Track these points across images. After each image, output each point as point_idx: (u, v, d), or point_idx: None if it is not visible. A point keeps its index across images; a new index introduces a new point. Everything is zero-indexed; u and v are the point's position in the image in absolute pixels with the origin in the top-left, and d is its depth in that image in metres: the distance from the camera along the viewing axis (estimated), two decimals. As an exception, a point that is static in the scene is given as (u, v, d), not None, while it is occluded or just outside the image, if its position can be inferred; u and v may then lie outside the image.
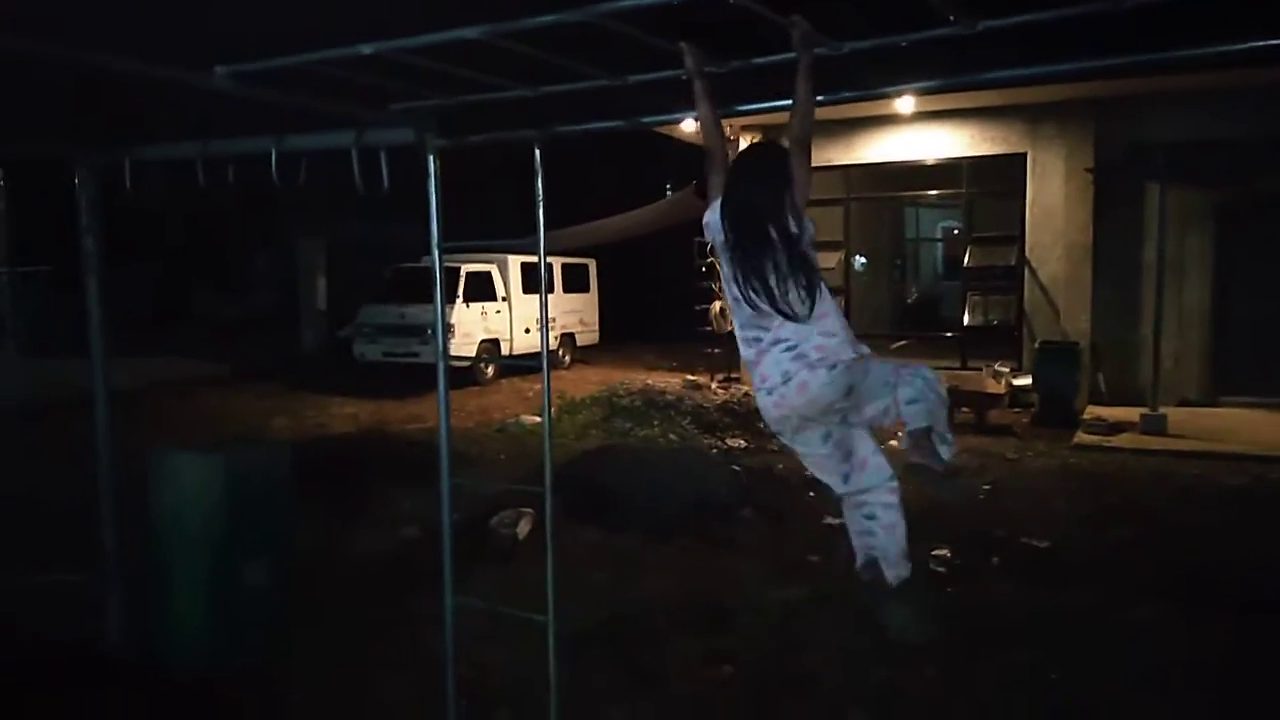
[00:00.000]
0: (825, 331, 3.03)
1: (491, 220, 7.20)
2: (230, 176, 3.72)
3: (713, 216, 3.09)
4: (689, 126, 12.98)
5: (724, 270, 3.12)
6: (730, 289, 3.08)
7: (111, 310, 4.44)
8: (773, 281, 2.98)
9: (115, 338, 4.50)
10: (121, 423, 4.61)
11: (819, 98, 3.05)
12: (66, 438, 6.65)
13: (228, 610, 4.20)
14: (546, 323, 3.60)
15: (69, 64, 2.74)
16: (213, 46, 3.24)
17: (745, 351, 3.14)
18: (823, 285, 3.07)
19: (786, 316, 2.99)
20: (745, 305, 3.03)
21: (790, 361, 3.00)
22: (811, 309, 3.01)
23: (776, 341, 3.04)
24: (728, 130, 14.68)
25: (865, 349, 3.08)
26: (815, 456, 3.16)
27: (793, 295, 2.99)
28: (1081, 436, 9.63)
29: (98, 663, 4.27)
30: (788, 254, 2.99)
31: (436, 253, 3.51)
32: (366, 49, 2.74)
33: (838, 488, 3.19)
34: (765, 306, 3.01)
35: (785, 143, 3.14)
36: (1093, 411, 10.64)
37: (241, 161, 3.73)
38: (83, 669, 4.20)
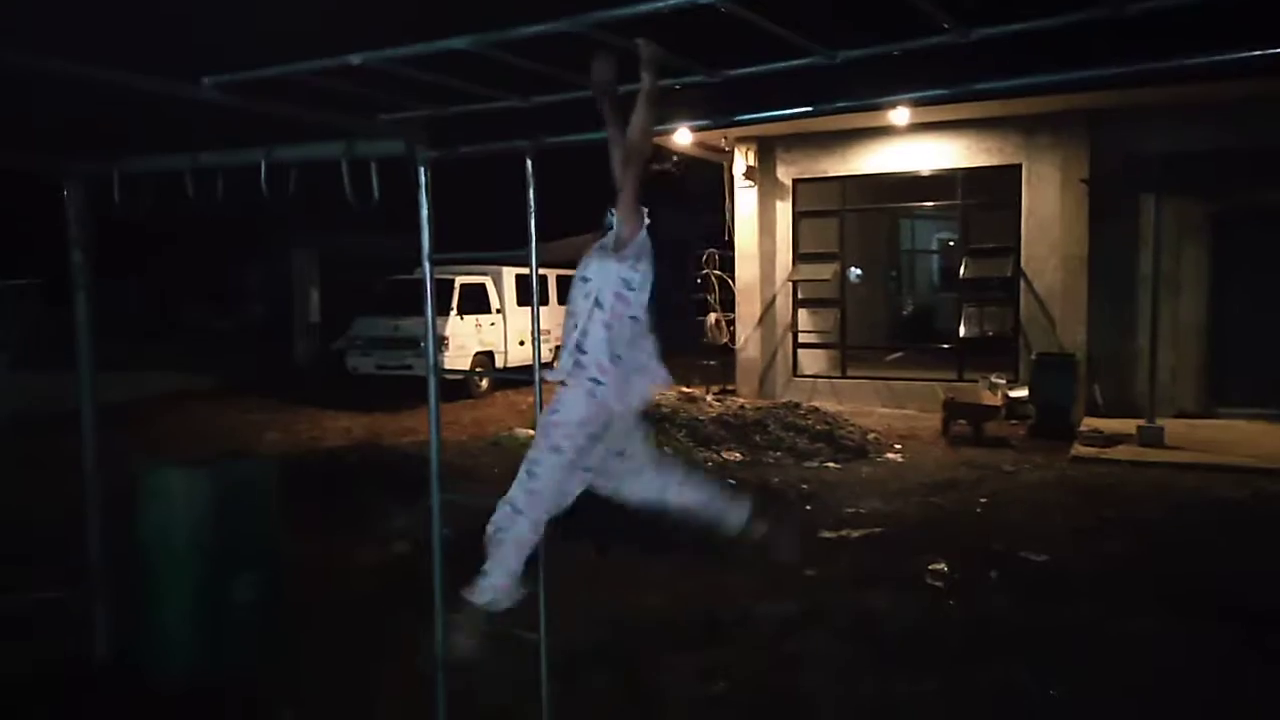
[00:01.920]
0: None
1: (488, 232, 7.17)
2: (220, 189, 3.68)
3: (645, 239, 3.12)
4: (684, 138, 13.03)
5: (635, 292, 3.19)
6: (641, 310, 3.20)
7: (101, 323, 4.39)
8: None
9: (105, 351, 4.46)
10: (110, 437, 4.56)
11: (809, 109, 3.01)
12: (56, 452, 6.59)
13: (216, 625, 4.14)
14: (538, 335, 3.57)
15: (58, 76, 2.70)
16: (202, 58, 3.22)
17: (642, 360, 3.25)
18: None
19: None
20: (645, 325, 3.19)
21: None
22: None
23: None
24: (722, 142, 14.51)
25: None
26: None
27: None
28: (1078, 449, 9.60)
29: (84, 680, 4.21)
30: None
31: (428, 265, 3.48)
32: (355, 59, 2.72)
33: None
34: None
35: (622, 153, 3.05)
36: (1090, 423, 10.62)
37: (231, 173, 3.69)
38: (69, 686, 4.14)
